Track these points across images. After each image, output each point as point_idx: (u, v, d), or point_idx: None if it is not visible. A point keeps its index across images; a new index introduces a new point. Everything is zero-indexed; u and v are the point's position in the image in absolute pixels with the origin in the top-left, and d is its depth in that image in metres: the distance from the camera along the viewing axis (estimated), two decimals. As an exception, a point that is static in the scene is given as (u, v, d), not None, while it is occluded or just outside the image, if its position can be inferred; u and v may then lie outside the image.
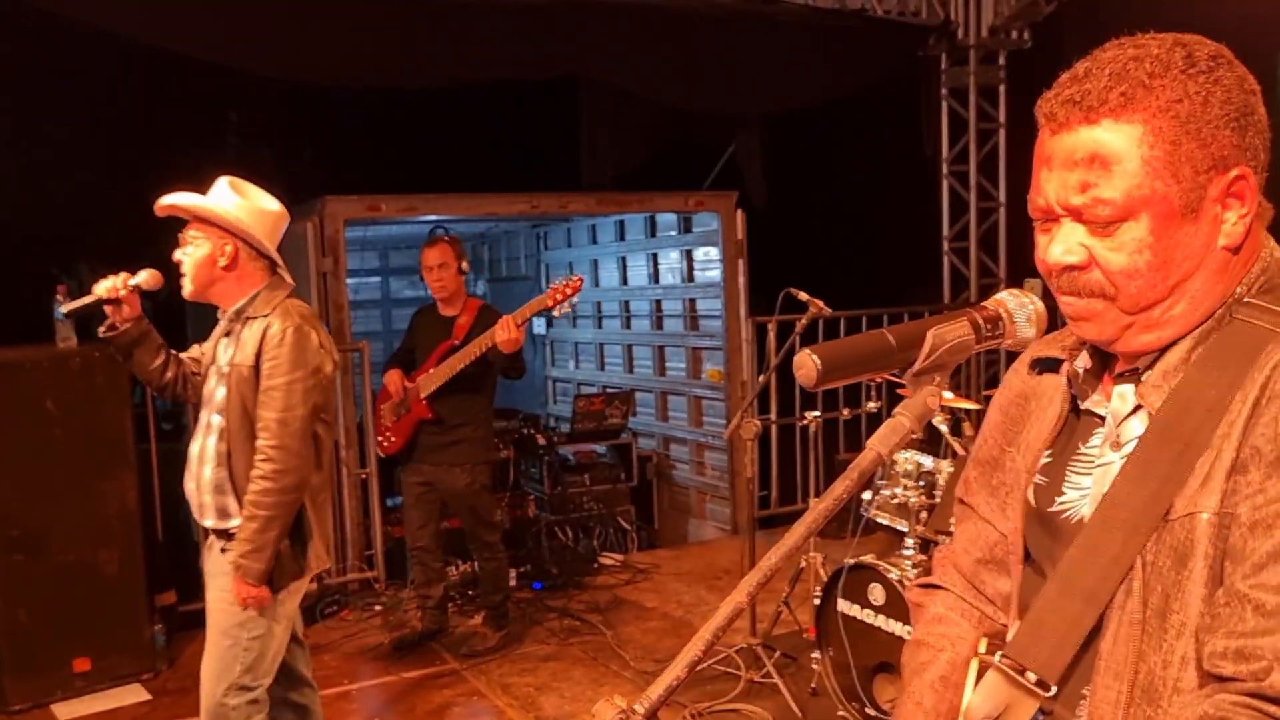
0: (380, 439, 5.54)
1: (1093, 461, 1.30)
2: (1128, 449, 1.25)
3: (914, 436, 1.22)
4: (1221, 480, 1.14)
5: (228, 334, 3.29)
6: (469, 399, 5.27)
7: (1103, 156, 1.19)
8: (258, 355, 3.16)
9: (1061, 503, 1.32)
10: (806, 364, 1.18)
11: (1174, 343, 1.24)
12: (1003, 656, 1.28)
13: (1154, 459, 1.20)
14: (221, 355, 3.28)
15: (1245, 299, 1.22)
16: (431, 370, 5.24)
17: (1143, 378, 1.25)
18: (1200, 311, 1.23)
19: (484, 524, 5.47)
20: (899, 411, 1.22)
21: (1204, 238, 1.21)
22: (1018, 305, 1.29)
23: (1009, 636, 1.35)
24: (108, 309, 3.28)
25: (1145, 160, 1.18)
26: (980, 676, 1.31)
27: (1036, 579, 1.34)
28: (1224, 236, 1.21)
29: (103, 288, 3.23)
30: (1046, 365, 1.43)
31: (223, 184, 3.29)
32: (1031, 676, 1.24)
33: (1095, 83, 1.20)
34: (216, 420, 3.23)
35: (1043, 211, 1.26)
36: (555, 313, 5.04)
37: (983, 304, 1.29)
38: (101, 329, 3.34)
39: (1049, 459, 1.36)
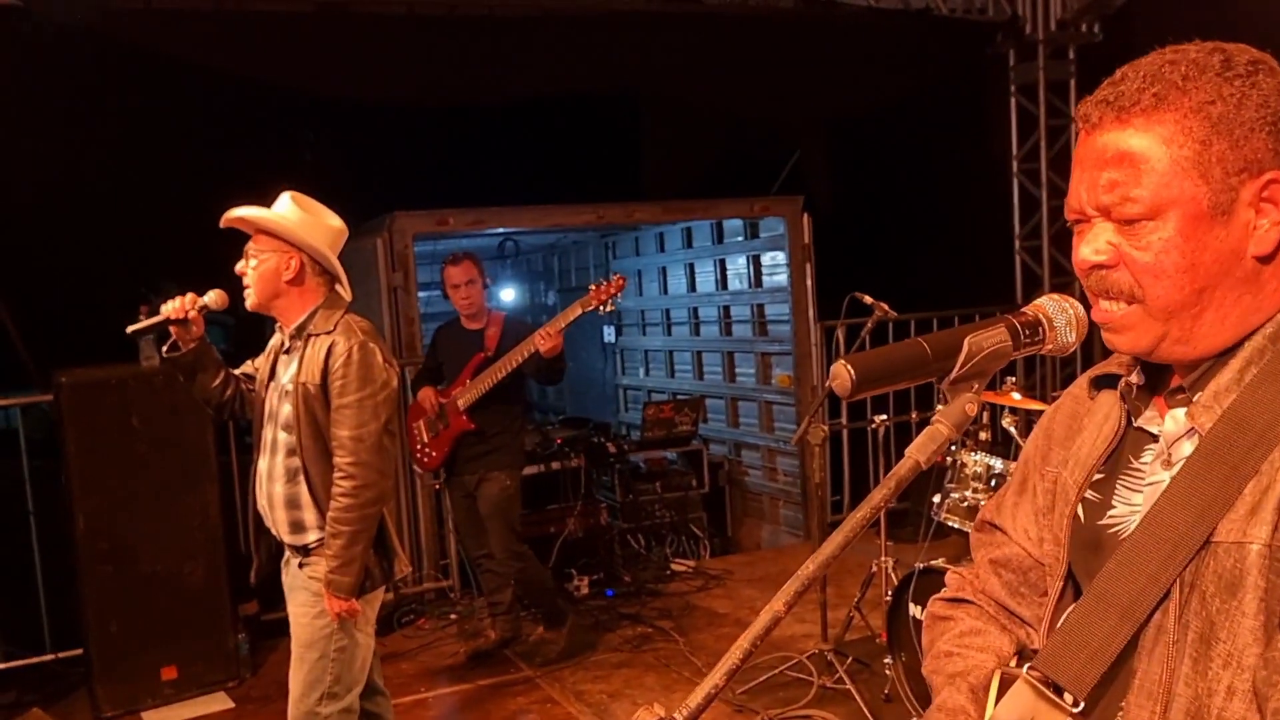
0: (418, 455, 5.61)
1: (1144, 478, 1.29)
2: (1178, 468, 1.23)
3: (953, 443, 1.23)
4: (1272, 511, 1.12)
5: (287, 351, 3.36)
6: (505, 408, 5.37)
7: (1132, 155, 1.20)
8: (324, 374, 3.22)
9: (1111, 516, 1.31)
10: (841, 374, 1.18)
11: (1225, 362, 1.22)
12: (1030, 668, 1.27)
13: (1200, 480, 1.18)
14: (283, 372, 3.35)
15: None
16: (468, 382, 5.33)
17: (1194, 398, 1.24)
18: (1232, 324, 1.22)
19: (512, 531, 5.47)
20: (937, 419, 1.22)
21: (1234, 243, 1.19)
22: (1057, 310, 1.27)
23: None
24: (173, 329, 3.34)
25: (1174, 159, 1.18)
26: (1003, 689, 1.30)
27: (1074, 596, 1.33)
28: (1255, 244, 1.19)
29: (170, 308, 3.30)
30: (1105, 382, 1.41)
31: (286, 199, 3.35)
32: (1060, 691, 1.23)
33: (1129, 84, 1.21)
34: (284, 437, 3.29)
35: (1075, 212, 1.26)
36: (599, 312, 5.11)
37: (1021, 309, 1.29)
38: (165, 348, 3.42)
39: (1101, 475, 1.35)
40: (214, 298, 3.35)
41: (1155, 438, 1.30)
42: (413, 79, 6.70)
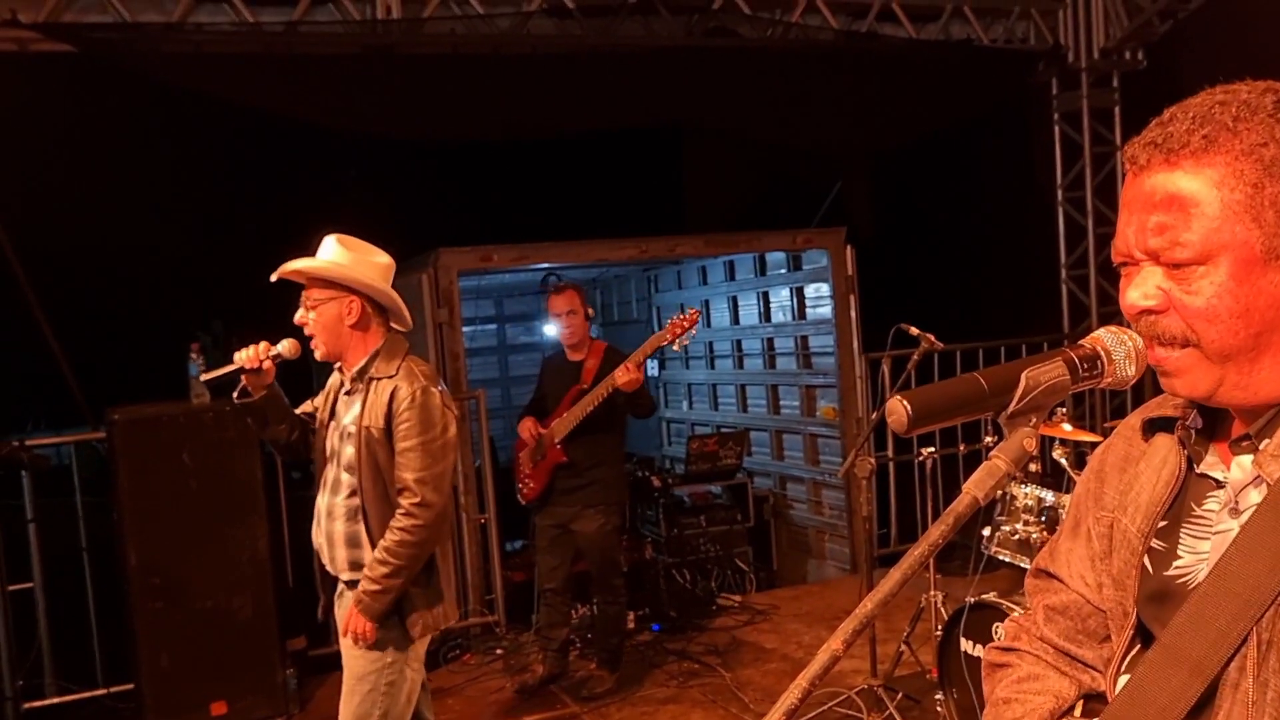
0: (520, 486, 5.65)
1: (1211, 526, 1.26)
2: (1246, 516, 1.20)
3: (1011, 479, 1.21)
4: None
5: (348, 392, 3.39)
6: (600, 440, 5.37)
7: (1181, 199, 1.17)
8: (388, 418, 3.26)
9: (1178, 567, 1.27)
10: (898, 410, 1.18)
11: None
12: None
13: (1271, 530, 1.15)
14: (344, 413, 3.38)
15: None
16: (564, 415, 5.35)
17: (1260, 445, 1.21)
18: (1275, 374, 1.19)
19: (612, 566, 5.54)
20: (995, 454, 1.20)
21: None
22: (1116, 342, 1.25)
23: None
24: (245, 377, 3.39)
25: (1225, 203, 1.15)
26: None
27: (1144, 648, 1.30)
28: None
29: (243, 356, 3.34)
30: (1159, 425, 1.38)
31: (331, 242, 3.37)
32: None
33: (1178, 125, 1.19)
34: (346, 478, 3.33)
35: (1123, 255, 1.24)
36: (674, 346, 5.14)
37: (1079, 342, 1.27)
38: (235, 395, 3.46)
39: (1164, 523, 1.31)
40: (287, 347, 3.39)
41: (1218, 484, 1.27)
42: (456, 117, 6.78)
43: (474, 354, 9.29)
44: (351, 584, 3.36)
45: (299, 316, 3.35)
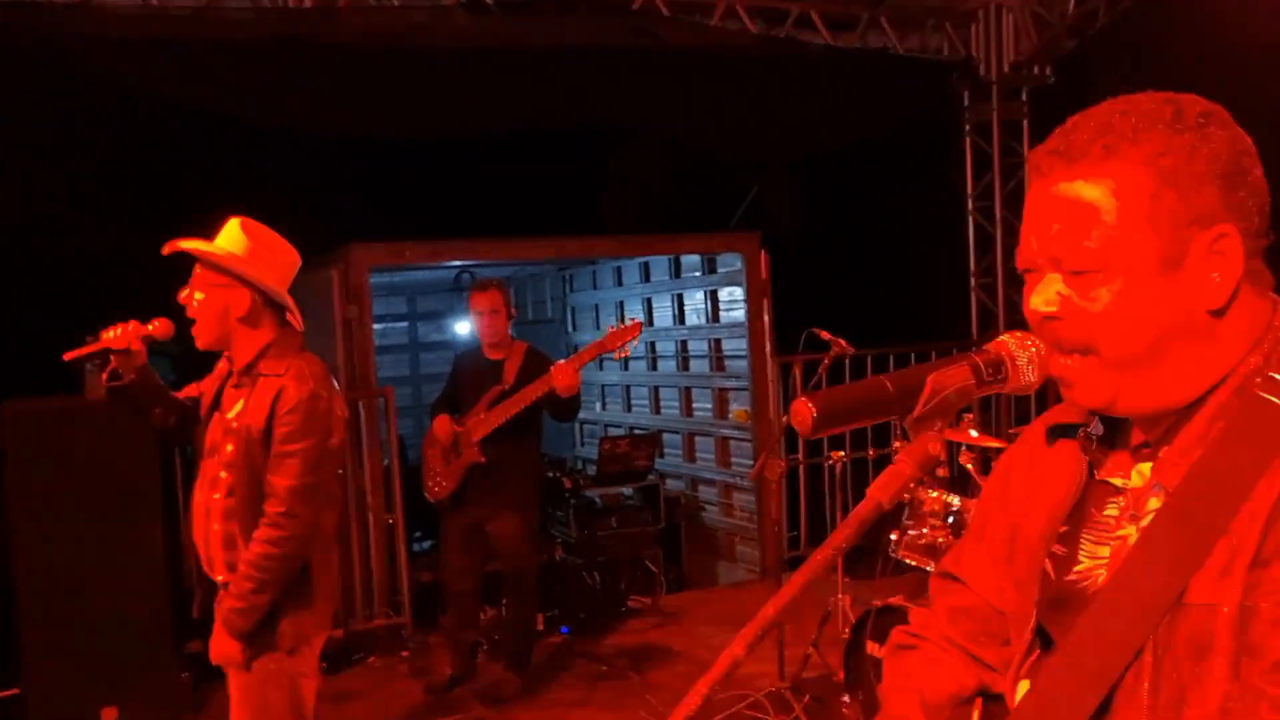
0: (430, 484, 5.54)
1: (1110, 532, 1.27)
2: (1145, 522, 1.21)
3: (916, 482, 1.21)
4: (1243, 572, 1.10)
5: (236, 386, 3.24)
6: (519, 442, 5.31)
7: (1081, 207, 1.18)
8: (269, 419, 3.08)
9: (1078, 571, 1.29)
10: (802, 412, 1.16)
11: (1190, 417, 1.21)
12: None
13: (1168, 539, 1.16)
14: (229, 406, 3.22)
15: (1269, 373, 1.18)
16: (483, 415, 5.27)
17: (1159, 454, 1.23)
18: (1188, 377, 1.20)
19: (527, 569, 5.47)
20: (900, 458, 1.20)
21: (1186, 296, 1.17)
22: (1019, 348, 1.26)
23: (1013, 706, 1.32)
24: (115, 358, 3.24)
25: (1122, 211, 1.17)
26: None
27: (1046, 652, 1.31)
28: (1207, 297, 1.18)
29: (110, 335, 3.19)
30: (1062, 432, 1.39)
31: (234, 227, 3.20)
32: None
33: (1080, 135, 1.20)
34: (224, 476, 3.17)
35: (1026, 261, 1.25)
36: (614, 355, 5.10)
37: (984, 347, 1.27)
38: (105, 377, 3.30)
39: (1065, 528, 1.33)
40: (157, 326, 3.24)
41: (1118, 490, 1.28)
42: (370, 111, 6.66)
43: (384, 351, 9.13)
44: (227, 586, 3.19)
45: (183, 294, 3.18)
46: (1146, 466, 1.24)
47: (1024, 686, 1.32)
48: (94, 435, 4.93)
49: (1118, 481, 1.28)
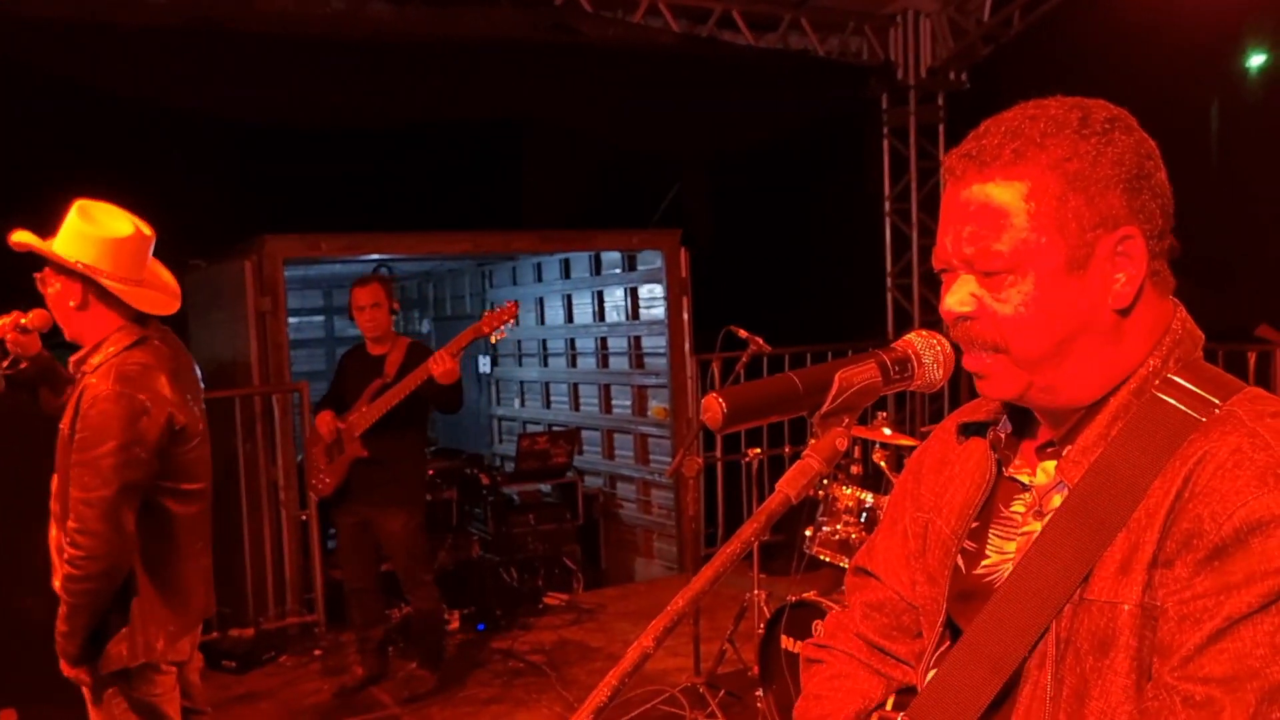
0: (314, 481, 5.44)
1: (1017, 528, 1.31)
2: (1049, 519, 1.25)
3: (824, 477, 1.22)
4: (1143, 571, 1.14)
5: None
6: (402, 435, 5.21)
7: (992, 210, 1.22)
8: (74, 420, 2.87)
9: (985, 565, 1.32)
10: (713, 407, 1.17)
11: (1093, 417, 1.25)
12: (904, 716, 1.28)
13: (1068, 532, 1.20)
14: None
15: (1167, 374, 1.23)
16: (364, 408, 5.19)
17: (1063, 452, 1.26)
18: (1096, 374, 1.24)
19: (421, 564, 5.39)
20: (807, 454, 1.21)
21: (1092, 296, 1.21)
22: (925, 346, 1.29)
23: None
24: (9, 345, 3.13)
25: (1031, 215, 1.20)
26: None
27: (954, 644, 1.34)
28: (1113, 297, 1.22)
29: None
30: (973, 430, 1.43)
31: (73, 213, 3.00)
32: None
33: (991, 139, 1.23)
34: (54, 480, 3.04)
35: (941, 262, 1.29)
36: (491, 338, 5.04)
37: (891, 345, 1.29)
38: (5, 365, 3.18)
39: (975, 524, 1.36)
40: (33, 317, 3.11)
41: (1025, 487, 1.32)
42: (287, 99, 6.55)
43: (299, 345, 9.00)
44: None
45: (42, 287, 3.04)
46: (1051, 465, 1.28)
47: (932, 676, 1.35)
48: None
49: (1024, 479, 1.32)
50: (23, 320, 3.12)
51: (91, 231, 2.96)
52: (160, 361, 2.98)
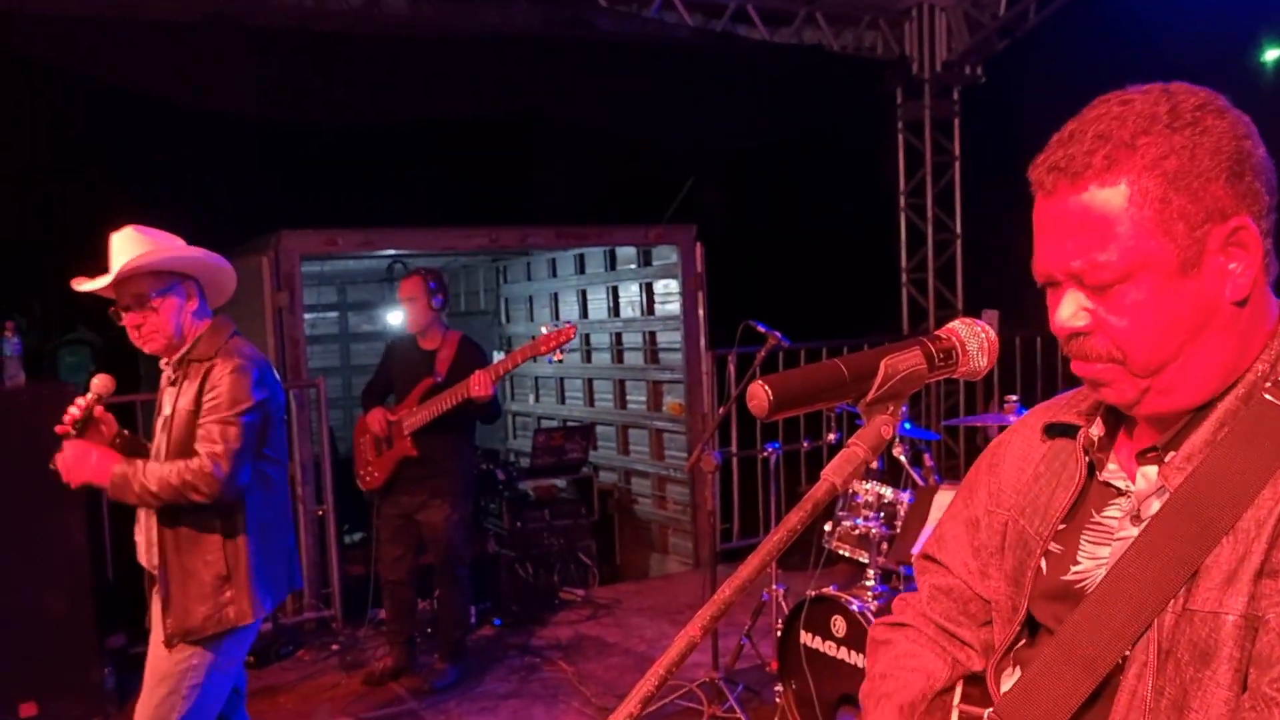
0: (362, 473, 5.50)
1: (1112, 533, 1.28)
2: (1147, 524, 1.22)
3: (870, 466, 1.21)
4: (1249, 581, 1.11)
5: (173, 383, 3.24)
6: (451, 435, 5.28)
7: (1093, 221, 1.18)
8: (198, 399, 3.12)
9: (1076, 571, 1.30)
10: (759, 394, 1.16)
11: (1199, 423, 1.21)
12: (991, 713, 1.27)
13: (1168, 538, 1.17)
14: (167, 405, 3.23)
15: (1277, 378, 1.19)
16: (415, 407, 5.22)
17: (1165, 458, 1.23)
18: (1215, 373, 1.20)
19: (457, 558, 5.42)
20: (853, 441, 1.20)
21: (1209, 293, 1.18)
22: (970, 334, 1.27)
23: (1002, 689, 1.34)
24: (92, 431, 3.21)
25: (1135, 221, 1.16)
26: None
27: (1037, 641, 1.33)
28: (1231, 289, 1.18)
29: (69, 419, 3.16)
30: (1060, 430, 1.39)
31: (131, 233, 3.19)
32: None
33: (1079, 146, 1.19)
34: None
35: (1044, 277, 1.25)
36: (550, 361, 5.08)
37: (936, 333, 1.28)
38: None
39: (1063, 527, 1.34)
40: (99, 384, 3.21)
41: (1120, 492, 1.29)
42: (304, 95, 6.56)
43: (314, 341, 9.01)
44: None
45: (131, 319, 3.16)
46: (1153, 470, 1.24)
47: (1013, 675, 1.34)
48: (12, 423, 4.78)
49: (1120, 484, 1.29)
50: (91, 395, 3.19)
51: (144, 244, 3.16)
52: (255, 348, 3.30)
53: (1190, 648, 1.14)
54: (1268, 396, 1.18)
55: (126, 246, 3.14)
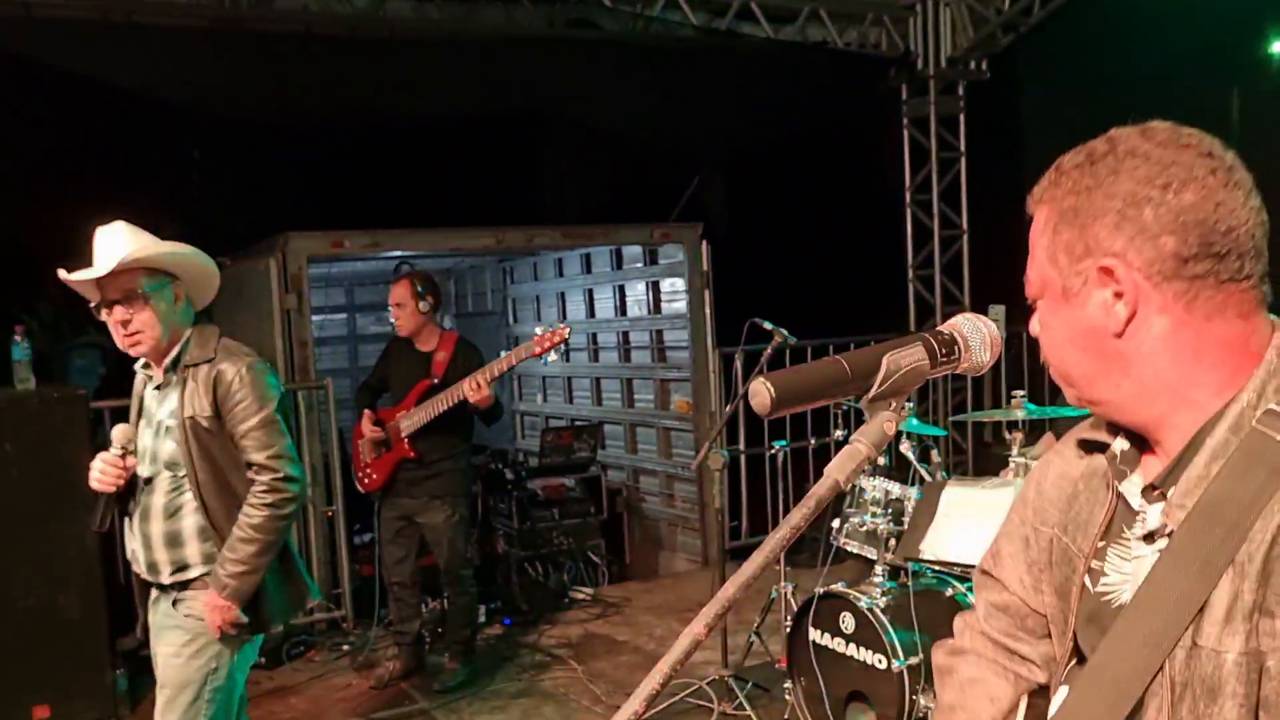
0: (360, 475, 5.52)
1: (1131, 551, 1.31)
2: (1160, 544, 1.25)
3: (872, 462, 1.22)
4: (1244, 619, 1.14)
5: (159, 386, 3.19)
6: (448, 436, 5.29)
7: (1030, 242, 1.32)
8: (215, 403, 3.09)
9: (1105, 584, 1.33)
10: (761, 392, 1.17)
11: (1192, 458, 1.22)
12: None
13: (1175, 574, 1.20)
14: (157, 409, 3.18)
15: (1268, 406, 1.19)
16: (412, 409, 5.23)
17: (1168, 495, 1.25)
18: (1152, 398, 1.25)
19: (460, 558, 5.45)
20: (856, 438, 1.21)
21: (1091, 323, 1.25)
22: (973, 329, 1.28)
23: (1052, 709, 1.37)
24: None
25: (1040, 248, 1.29)
26: None
27: (1080, 662, 1.37)
28: (1112, 322, 1.23)
29: (106, 483, 3.14)
30: (1093, 446, 1.42)
31: (121, 227, 3.11)
32: None
33: (1042, 179, 1.31)
34: (165, 475, 3.15)
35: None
36: (544, 362, 5.09)
37: (938, 328, 1.29)
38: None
39: (1102, 544, 1.36)
40: (120, 436, 3.18)
41: (1137, 511, 1.32)
42: (309, 98, 6.58)
43: (322, 343, 9.02)
44: (172, 587, 3.17)
45: (119, 314, 3.06)
46: (1157, 508, 1.27)
47: (1062, 692, 1.37)
48: (24, 427, 4.81)
49: (1135, 503, 1.32)
50: (116, 451, 3.16)
51: (140, 239, 3.08)
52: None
53: (1200, 684, 1.18)
54: (1258, 425, 1.19)
55: (117, 240, 3.05)
